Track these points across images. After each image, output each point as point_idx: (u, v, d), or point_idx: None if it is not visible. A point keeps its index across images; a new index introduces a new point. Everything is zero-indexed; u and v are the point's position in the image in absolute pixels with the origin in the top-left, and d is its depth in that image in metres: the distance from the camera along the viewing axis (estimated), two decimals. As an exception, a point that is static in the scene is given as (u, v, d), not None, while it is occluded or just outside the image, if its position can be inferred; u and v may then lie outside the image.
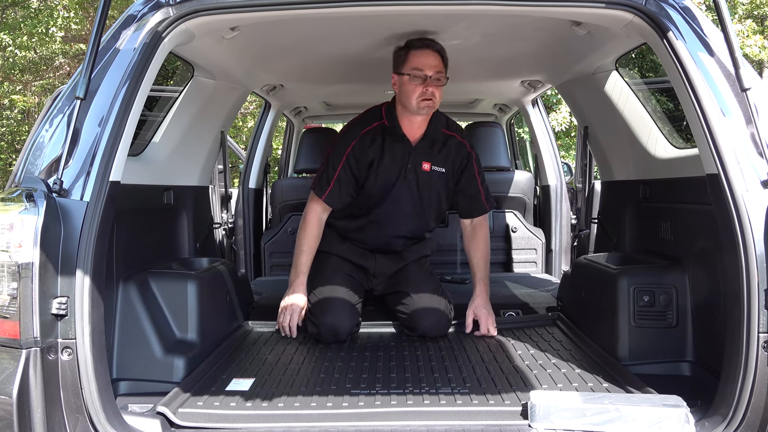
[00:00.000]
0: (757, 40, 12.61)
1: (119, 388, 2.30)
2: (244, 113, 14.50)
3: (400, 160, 3.08)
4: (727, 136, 1.98)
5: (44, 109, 2.27)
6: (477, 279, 3.16)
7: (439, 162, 3.12)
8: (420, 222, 3.21)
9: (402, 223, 3.17)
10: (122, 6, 8.77)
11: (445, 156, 3.13)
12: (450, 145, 3.13)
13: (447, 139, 3.14)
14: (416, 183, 3.10)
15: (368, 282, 3.23)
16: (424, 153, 3.09)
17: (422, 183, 3.11)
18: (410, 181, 3.10)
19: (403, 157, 3.08)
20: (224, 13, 2.25)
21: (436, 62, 2.92)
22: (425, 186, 3.12)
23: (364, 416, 2.06)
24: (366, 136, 3.09)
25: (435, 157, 3.11)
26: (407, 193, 3.11)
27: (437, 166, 3.11)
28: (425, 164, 3.09)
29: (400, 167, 3.08)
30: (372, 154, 3.07)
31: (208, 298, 2.67)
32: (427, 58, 2.90)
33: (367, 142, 3.08)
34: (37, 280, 1.79)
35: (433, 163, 3.11)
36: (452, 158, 3.14)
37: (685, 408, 1.93)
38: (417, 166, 3.09)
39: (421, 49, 2.91)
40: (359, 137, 3.09)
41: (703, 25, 2.15)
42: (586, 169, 3.91)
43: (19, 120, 14.65)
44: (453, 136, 3.15)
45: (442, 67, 2.95)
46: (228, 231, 4.25)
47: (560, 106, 12.68)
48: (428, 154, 3.10)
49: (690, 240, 2.51)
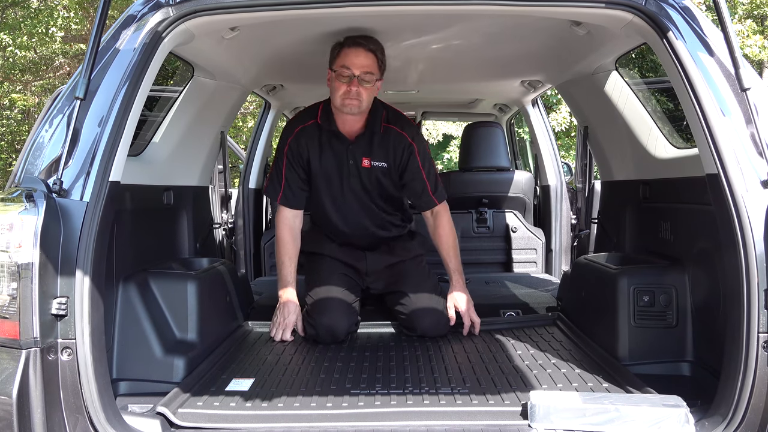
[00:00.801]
0: (757, 40, 12.61)
1: (119, 388, 2.30)
2: (244, 113, 14.50)
3: (339, 157, 3.08)
4: (727, 136, 1.98)
5: (44, 109, 2.27)
6: (450, 270, 3.12)
7: (379, 157, 3.09)
8: (380, 211, 3.20)
9: (359, 217, 3.17)
10: (122, 6, 8.77)
11: (385, 150, 3.09)
12: (389, 138, 3.10)
13: (387, 131, 3.10)
14: (359, 179, 3.10)
15: (363, 280, 3.22)
16: (362, 148, 3.08)
17: (365, 179, 3.11)
18: (353, 176, 3.09)
19: (343, 154, 3.08)
20: (224, 13, 2.25)
21: (367, 62, 2.89)
22: (369, 181, 3.11)
23: (364, 416, 2.06)
24: (301, 133, 3.09)
25: (374, 152, 3.09)
26: (354, 188, 3.11)
27: (377, 161, 3.09)
28: (365, 160, 3.08)
29: (340, 163, 3.08)
30: (311, 152, 3.08)
31: (208, 298, 2.67)
32: (356, 57, 2.87)
33: (303, 140, 3.08)
34: (37, 281, 1.79)
35: (373, 158, 3.09)
36: (392, 151, 3.10)
37: (685, 408, 1.93)
38: (357, 161, 3.08)
39: (352, 47, 2.88)
40: (294, 134, 3.10)
41: (703, 25, 2.15)
42: (586, 169, 3.91)
43: (19, 120, 14.65)
44: (391, 128, 3.11)
45: (375, 67, 2.91)
46: (228, 231, 4.25)
47: (560, 106, 12.68)
48: (367, 150, 3.08)
49: (690, 240, 2.51)
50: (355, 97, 2.91)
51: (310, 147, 3.09)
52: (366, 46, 2.88)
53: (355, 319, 3.02)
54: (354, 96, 2.91)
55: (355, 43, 2.88)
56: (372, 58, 2.90)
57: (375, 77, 2.94)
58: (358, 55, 2.88)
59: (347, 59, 2.88)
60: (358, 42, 2.88)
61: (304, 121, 3.14)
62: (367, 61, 2.89)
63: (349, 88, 2.90)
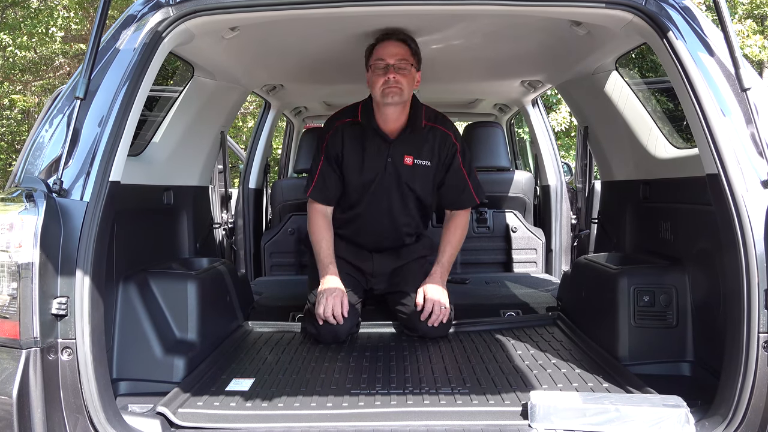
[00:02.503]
0: (757, 40, 12.61)
1: (119, 388, 2.30)
2: (244, 113, 14.50)
3: (379, 155, 3.06)
4: (727, 136, 1.98)
5: (44, 109, 2.27)
6: (437, 261, 3.08)
7: (423, 155, 3.08)
8: (407, 217, 3.18)
9: (388, 219, 3.15)
10: (122, 6, 8.77)
11: (430, 149, 3.09)
12: (434, 137, 3.09)
13: (430, 130, 3.10)
14: (398, 177, 3.08)
15: (367, 282, 3.22)
16: (405, 146, 3.06)
17: (405, 177, 3.08)
18: (391, 175, 3.07)
19: (383, 152, 3.06)
20: (224, 13, 2.25)
21: (399, 50, 2.90)
22: (409, 180, 3.09)
23: (364, 416, 2.06)
24: (340, 129, 3.09)
25: (418, 151, 3.07)
26: (390, 188, 3.09)
27: (421, 159, 3.08)
28: (407, 158, 3.06)
29: (380, 162, 3.06)
30: (350, 148, 3.07)
31: (208, 298, 2.67)
32: (388, 47, 2.89)
33: (342, 136, 3.07)
34: (37, 280, 1.79)
35: (416, 156, 3.07)
36: (437, 151, 3.09)
37: (685, 408, 1.92)
38: (398, 160, 3.06)
39: (383, 41, 2.91)
40: (333, 129, 3.10)
41: (703, 25, 2.15)
42: (586, 169, 3.91)
43: (19, 120, 14.65)
44: (436, 127, 3.11)
45: (408, 54, 2.92)
46: (228, 231, 4.25)
47: (560, 106, 12.68)
48: (410, 148, 3.07)
49: (690, 240, 2.51)
50: (395, 85, 2.90)
51: (348, 144, 3.07)
52: (395, 36, 2.90)
53: (356, 320, 3.02)
54: (393, 84, 2.90)
55: (385, 36, 2.91)
56: (403, 46, 2.91)
57: (410, 64, 2.93)
58: (390, 46, 2.90)
59: (380, 52, 2.91)
60: (387, 35, 2.90)
61: (344, 118, 3.13)
62: (398, 50, 2.90)
63: (386, 78, 2.89)
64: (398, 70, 2.89)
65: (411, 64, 2.93)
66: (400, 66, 2.90)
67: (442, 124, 3.13)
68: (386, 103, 2.97)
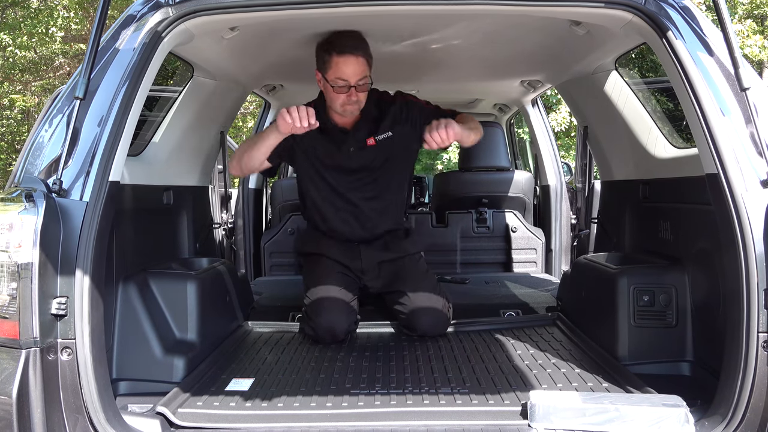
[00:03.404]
0: (757, 40, 12.61)
1: (119, 388, 2.30)
2: (244, 113, 14.50)
3: (339, 148, 3.09)
4: (726, 136, 1.98)
5: (44, 109, 2.27)
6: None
7: (382, 130, 3.11)
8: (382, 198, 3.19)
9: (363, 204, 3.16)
10: (122, 6, 8.77)
11: (386, 122, 3.12)
12: (386, 110, 3.13)
13: (380, 106, 3.13)
14: (365, 160, 3.11)
15: (360, 279, 3.21)
16: (363, 131, 3.10)
17: (372, 157, 3.11)
18: (356, 161, 3.10)
19: (342, 144, 3.09)
20: (224, 13, 2.25)
21: (360, 68, 2.87)
22: (376, 158, 3.12)
23: (364, 416, 2.06)
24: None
25: (376, 129, 3.11)
26: (359, 173, 3.12)
27: (381, 134, 3.11)
28: (369, 140, 3.10)
29: (341, 154, 3.10)
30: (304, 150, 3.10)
31: (208, 298, 2.67)
32: (349, 66, 2.85)
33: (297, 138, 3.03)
34: (36, 280, 1.79)
35: (377, 134, 3.11)
36: (392, 119, 3.12)
37: (684, 408, 1.93)
38: (360, 145, 3.09)
39: (344, 56, 2.85)
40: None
41: (703, 25, 2.15)
42: (586, 169, 3.91)
43: (19, 120, 14.65)
44: (383, 101, 3.15)
45: (367, 70, 2.90)
46: (228, 231, 4.25)
47: (560, 106, 12.68)
48: (368, 130, 3.10)
49: (690, 240, 2.52)
50: (355, 103, 2.95)
51: (303, 146, 3.09)
52: (355, 53, 2.86)
53: (353, 318, 3.02)
54: (354, 102, 2.94)
55: (343, 51, 2.85)
56: (363, 62, 2.89)
57: (368, 78, 2.95)
58: (350, 65, 2.86)
59: (340, 71, 2.87)
60: (348, 51, 2.85)
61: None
62: (360, 68, 2.88)
63: (348, 98, 2.92)
64: (360, 88, 2.91)
65: (368, 76, 2.95)
66: (362, 84, 2.91)
67: (387, 97, 3.18)
68: (344, 115, 3.03)
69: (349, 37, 2.87)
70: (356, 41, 2.88)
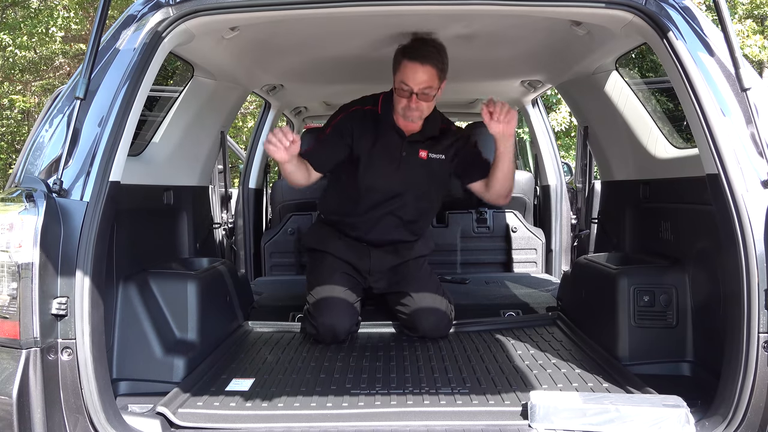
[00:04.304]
0: (757, 40, 12.61)
1: (119, 388, 2.30)
2: (244, 113, 14.50)
3: (393, 148, 3.07)
4: (727, 136, 1.98)
5: (44, 109, 2.27)
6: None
7: (437, 150, 3.11)
8: (414, 211, 3.17)
9: (396, 211, 3.13)
10: (122, 6, 8.77)
11: (443, 146, 3.12)
12: (447, 136, 3.14)
13: (444, 131, 3.15)
14: (412, 171, 3.09)
15: (366, 280, 3.20)
16: (419, 143, 3.09)
17: (420, 171, 3.10)
18: (405, 169, 3.08)
19: (397, 146, 3.07)
20: (224, 13, 2.25)
21: (426, 77, 2.86)
22: (423, 174, 3.11)
23: (364, 416, 2.06)
24: (358, 113, 3.09)
25: (432, 146, 3.11)
26: (404, 180, 3.09)
27: (435, 153, 3.11)
28: (422, 152, 3.09)
29: (393, 155, 3.07)
30: (362, 134, 3.06)
31: (208, 298, 2.66)
32: (415, 72, 2.85)
33: (357, 121, 3.07)
34: (37, 281, 1.79)
35: (431, 151, 3.11)
36: (450, 146, 3.14)
37: (685, 408, 1.93)
38: (412, 154, 3.08)
39: (412, 62, 2.85)
40: (350, 112, 3.11)
41: (703, 25, 2.15)
42: (586, 169, 3.91)
43: (19, 120, 14.65)
44: (449, 128, 3.17)
45: (434, 79, 2.88)
46: (228, 231, 4.25)
47: (560, 106, 12.68)
48: (424, 144, 3.10)
49: (690, 240, 2.51)
50: (416, 110, 2.93)
51: (363, 129, 3.06)
52: (423, 60, 2.83)
53: (356, 319, 3.02)
54: (414, 109, 2.92)
55: (413, 57, 2.85)
56: (430, 71, 2.85)
57: (435, 88, 2.91)
58: (416, 72, 2.84)
59: (405, 75, 2.86)
60: (416, 57, 2.84)
61: (364, 104, 3.13)
62: (425, 76, 2.85)
63: (408, 104, 2.91)
64: (422, 96, 2.89)
65: (436, 87, 2.91)
66: (425, 93, 2.89)
67: (454, 127, 3.23)
68: (405, 120, 3.00)
69: (424, 44, 2.88)
70: (430, 50, 2.87)
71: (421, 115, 2.96)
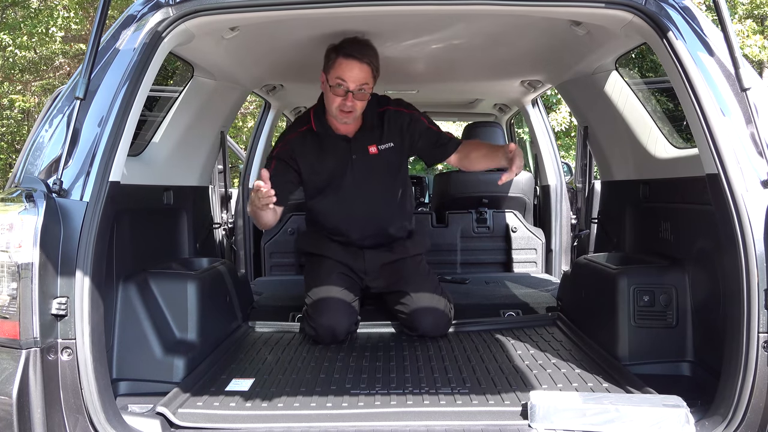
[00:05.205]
0: (757, 40, 12.61)
1: (119, 388, 2.30)
2: (244, 113, 14.50)
3: (341, 156, 3.08)
4: (726, 136, 1.98)
5: (44, 109, 2.27)
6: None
7: (385, 139, 3.11)
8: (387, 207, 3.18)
9: (369, 212, 3.14)
10: (122, 6, 8.77)
11: (389, 132, 3.11)
12: (389, 120, 3.12)
13: (383, 115, 3.12)
14: (367, 169, 3.09)
15: (362, 280, 3.20)
16: (365, 139, 3.09)
17: (374, 166, 3.10)
18: (359, 169, 3.09)
19: (344, 152, 3.08)
20: (224, 13, 2.25)
21: (362, 75, 2.87)
22: (378, 168, 3.11)
23: (364, 416, 2.06)
24: (293, 140, 3.10)
25: (378, 138, 3.10)
26: (362, 181, 3.10)
27: (384, 143, 3.11)
28: (371, 148, 3.09)
29: (343, 162, 3.08)
30: (306, 158, 3.08)
31: (208, 298, 2.67)
32: (352, 70, 2.85)
33: (297, 147, 3.08)
34: (36, 281, 1.79)
35: (379, 143, 3.10)
36: (396, 130, 3.12)
37: (685, 408, 1.93)
38: (362, 154, 3.08)
39: (348, 59, 2.85)
40: (285, 141, 3.11)
41: (703, 25, 2.15)
42: (586, 169, 3.91)
43: (19, 120, 14.64)
44: (387, 109, 3.14)
45: (369, 78, 2.90)
46: (228, 231, 4.25)
47: (560, 106, 12.68)
48: (370, 138, 3.10)
49: (690, 240, 2.51)
50: (350, 110, 2.93)
51: (305, 154, 3.09)
52: (361, 58, 2.86)
53: (354, 319, 3.02)
54: (349, 108, 2.93)
55: (350, 55, 2.86)
56: (367, 70, 2.88)
57: (370, 87, 2.94)
58: (353, 69, 2.86)
59: (342, 72, 2.87)
60: (353, 54, 2.85)
61: (297, 128, 3.15)
62: (362, 74, 2.87)
63: (344, 102, 2.91)
64: (357, 94, 2.90)
65: (371, 86, 2.94)
66: (360, 91, 2.90)
67: (393, 105, 3.17)
68: (340, 122, 3.02)
69: (358, 43, 2.88)
70: (365, 48, 2.88)
71: (355, 114, 2.97)
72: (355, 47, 2.87)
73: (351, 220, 3.16)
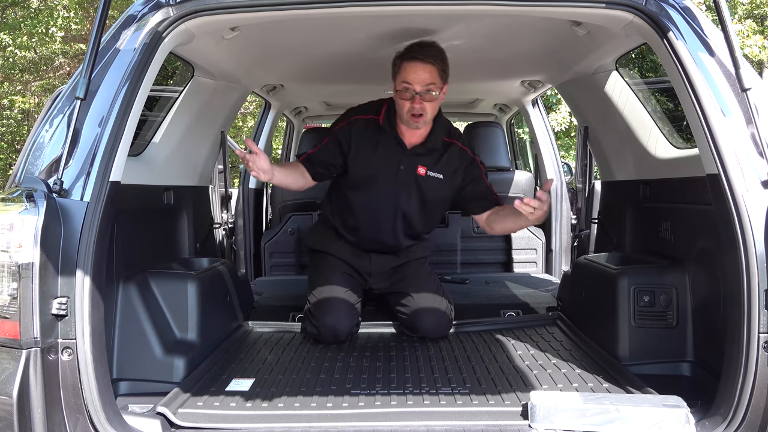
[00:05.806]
0: (757, 40, 12.61)
1: (119, 388, 2.30)
2: (244, 113, 14.50)
3: (392, 159, 3.01)
4: (727, 136, 1.98)
5: (44, 109, 2.27)
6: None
7: (437, 168, 3.04)
8: (410, 226, 3.12)
9: (391, 223, 3.08)
10: (122, 6, 8.77)
11: (444, 163, 3.04)
12: (451, 153, 3.06)
13: (448, 146, 3.06)
14: (410, 185, 3.02)
15: (366, 282, 3.19)
16: (419, 157, 3.02)
17: (418, 186, 3.03)
18: (403, 182, 3.02)
19: (396, 158, 3.01)
20: (224, 13, 2.25)
21: (427, 75, 2.81)
22: (421, 189, 3.04)
23: (364, 416, 2.06)
24: (358, 122, 3.04)
25: (432, 164, 3.03)
26: (398, 193, 3.03)
27: (434, 172, 3.03)
28: (420, 168, 3.01)
29: (391, 166, 3.01)
30: (361, 144, 3.02)
31: (208, 298, 2.67)
32: (416, 72, 2.80)
33: (357, 130, 3.02)
34: (37, 281, 1.79)
35: (430, 168, 3.03)
36: (454, 166, 3.06)
37: (685, 408, 1.93)
38: (411, 169, 3.01)
39: (411, 62, 2.81)
40: (349, 121, 3.06)
41: (703, 25, 2.15)
42: (586, 169, 3.91)
43: (19, 120, 14.65)
44: (454, 143, 3.08)
45: (436, 78, 2.83)
46: (228, 231, 4.25)
47: (560, 106, 12.68)
48: (425, 159, 3.03)
49: (690, 240, 2.52)
50: (420, 112, 2.85)
51: (361, 139, 3.01)
52: (424, 59, 2.80)
53: (356, 320, 3.02)
54: (418, 112, 2.85)
55: (413, 57, 2.81)
56: (431, 69, 2.81)
57: (438, 88, 2.86)
58: (417, 70, 2.80)
59: (407, 75, 2.81)
60: (415, 56, 2.81)
61: (366, 113, 3.07)
62: (426, 75, 2.81)
63: (412, 105, 2.84)
64: (425, 96, 2.83)
65: (439, 87, 2.86)
66: (428, 92, 2.83)
67: (458, 139, 3.11)
68: (410, 128, 2.95)
69: (421, 44, 2.84)
70: (428, 48, 2.83)
71: (426, 118, 2.89)
72: (418, 49, 2.83)
73: (373, 224, 3.09)
